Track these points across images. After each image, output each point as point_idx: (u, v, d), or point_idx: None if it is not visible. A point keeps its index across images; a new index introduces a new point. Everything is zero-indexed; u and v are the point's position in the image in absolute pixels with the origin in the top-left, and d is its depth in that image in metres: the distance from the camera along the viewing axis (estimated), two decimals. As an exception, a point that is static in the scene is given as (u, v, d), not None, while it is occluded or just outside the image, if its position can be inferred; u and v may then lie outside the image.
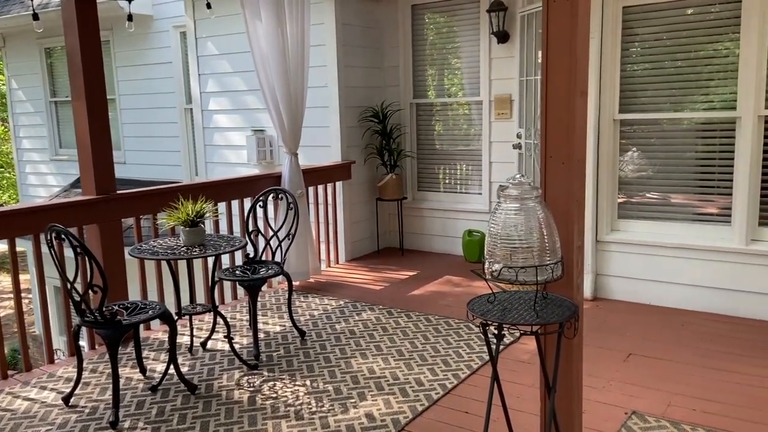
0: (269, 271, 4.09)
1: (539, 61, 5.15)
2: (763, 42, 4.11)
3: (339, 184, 6.11)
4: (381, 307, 4.81)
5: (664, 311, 4.53)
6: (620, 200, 4.85)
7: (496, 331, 2.21)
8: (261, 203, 4.46)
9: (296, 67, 5.18)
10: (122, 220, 4.35)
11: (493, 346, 2.31)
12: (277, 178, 5.35)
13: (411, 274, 5.72)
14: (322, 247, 5.96)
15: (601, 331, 4.17)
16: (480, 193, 6.19)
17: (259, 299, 4.30)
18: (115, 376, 3.20)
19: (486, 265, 2.25)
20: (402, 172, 6.55)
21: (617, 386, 3.40)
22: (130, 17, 4.78)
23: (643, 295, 4.72)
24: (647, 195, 4.80)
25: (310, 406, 3.26)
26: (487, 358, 3.74)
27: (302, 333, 4.25)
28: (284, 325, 4.48)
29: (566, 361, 2.47)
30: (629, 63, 4.69)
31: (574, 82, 2.33)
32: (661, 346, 3.90)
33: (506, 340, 3.95)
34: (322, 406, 3.26)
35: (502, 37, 5.67)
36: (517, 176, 2.26)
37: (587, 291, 4.83)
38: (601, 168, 4.77)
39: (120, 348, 3.50)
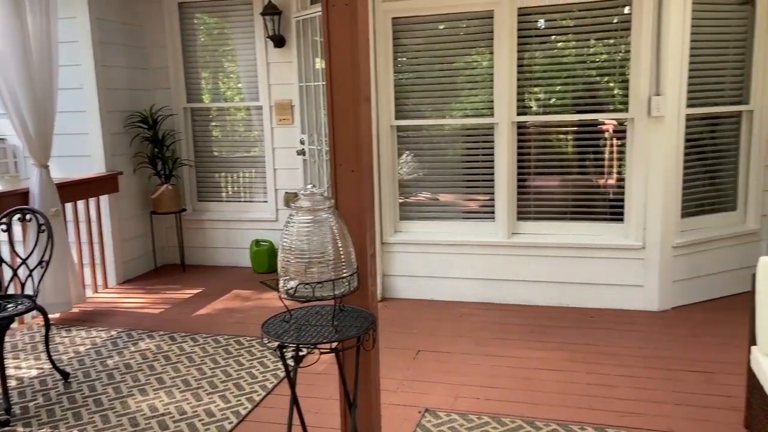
0: (18, 307, 3.44)
1: (318, 67, 5.15)
2: (513, 56, 4.58)
3: (104, 198, 5.45)
4: (161, 332, 4.37)
5: (445, 305, 4.83)
6: (400, 202, 5.06)
7: (293, 353, 2.08)
8: (3, 226, 3.75)
9: (42, 65, 4.48)
10: None
11: (291, 368, 2.17)
12: (23, 195, 4.57)
13: (195, 292, 5.32)
14: (87, 270, 5.26)
15: (391, 331, 4.29)
16: (266, 201, 6.01)
17: (7, 340, 3.60)
18: None
19: (281, 283, 2.10)
20: (179, 181, 6.08)
21: (410, 385, 3.50)
22: None
23: (426, 291, 4.98)
24: (423, 196, 5.08)
25: (81, 461, 2.80)
26: (283, 374, 3.60)
27: (65, 375, 3.66)
28: (42, 368, 3.82)
29: (364, 370, 2.43)
30: (400, 72, 4.91)
31: (358, 89, 2.30)
32: (445, 340, 4.13)
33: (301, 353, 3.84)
34: (97, 458, 2.81)
35: (279, 41, 5.56)
36: (309, 186, 2.16)
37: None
38: (383, 173, 4.92)
39: None
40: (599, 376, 3.53)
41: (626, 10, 4.41)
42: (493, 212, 4.86)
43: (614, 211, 4.67)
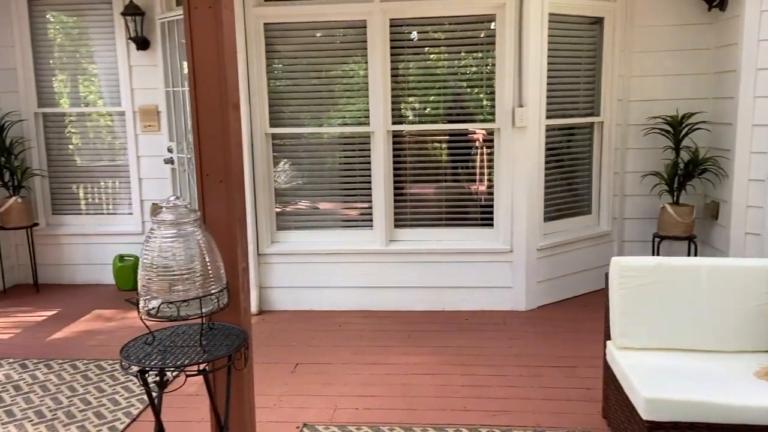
0: None
1: (186, 71, 4.91)
2: (387, 66, 4.65)
3: (-61, 213, 4.84)
4: (11, 360, 3.94)
5: (324, 315, 4.78)
6: (277, 211, 4.95)
7: (158, 378, 1.94)
8: None
9: None
10: None
11: (155, 394, 2.02)
12: None
13: (50, 313, 4.86)
14: None
15: (268, 346, 4.17)
16: (131, 213, 5.64)
17: None
18: None
19: (141, 303, 1.95)
20: (30, 194, 5.54)
21: (287, 400, 3.41)
22: None
23: (305, 302, 4.91)
24: (301, 206, 5.00)
25: None
26: (151, 398, 3.36)
27: None
28: None
29: (237, 390, 2.33)
30: (275, 78, 4.81)
31: (225, 95, 2.20)
32: (324, 351, 4.09)
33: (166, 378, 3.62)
34: None
35: (142, 43, 5.25)
36: (172, 198, 2.03)
37: (252, 306, 4.79)
38: (258, 181, 4.79)
39: None
40: (473, 377, 3.64)
41: (492, 25, 4.63)
42: (371, 220, 4.90)
43: (485, 217, 4.87)
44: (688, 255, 4.94)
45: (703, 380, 2.50)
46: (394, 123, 4.75)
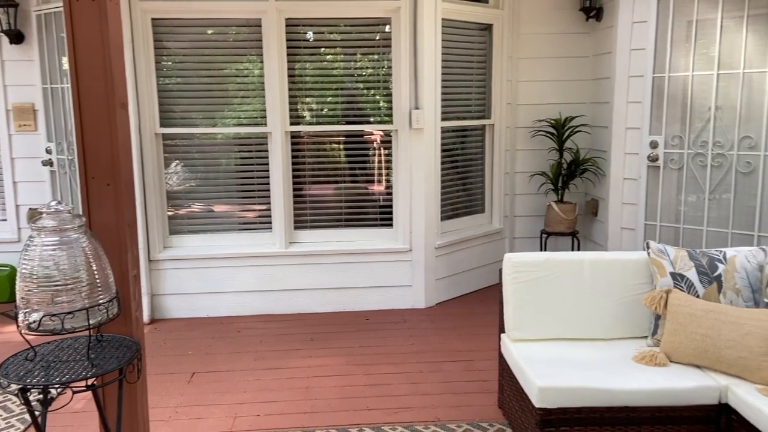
0: None
1: (66, 67, 4.59)
2: (283, 65, 4.59)
3: None
4: None
5: (222, 321, 4.64)
6: (170, 215, 4.74)
7: (41, 396, 1.80)
8: None
9: None
10: None
11: (39, 413, 1.87)
12: None
13: None
14: None
15: (162, 356, 3.99)
16: (4, 219, 5.18)
17: None
18: None
19: (21, 316, 1.80)
20: None
21: (184, 412, 3.28)
22: None
23: (201, 309, 4.74)
24: (195, 209, 4.82)
25: None
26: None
27: None
28: None
29: (129, 404, 2.21)
30: (165, 76, 4.61)
31: (111, 93, 2.08)
32: (222, 358, 3.97)
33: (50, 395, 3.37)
34: None
35: (16, 37, 4.85)
36: (53, 203, 1.89)
37: (144, 315, 4.56)
38: (148, 184, 4.56)
39: None
40: (375, 376, 3.68)
41: (387, 28, 4.70)
42: (270, 222, 4.81)
43: (384, 217, 4.94)
44: (572, 249, 5.27)
45: (589, 367, 2.68)
46: (292, 124, 4.70)
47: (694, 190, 4.39)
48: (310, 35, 4.69)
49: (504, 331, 3.11)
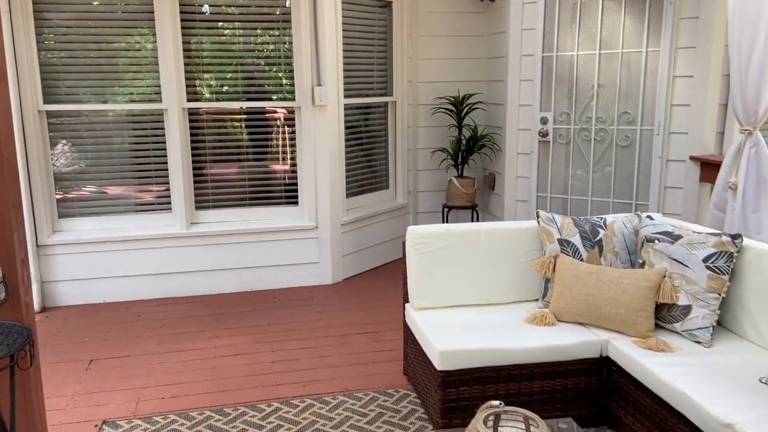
0: None
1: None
2: (178, 39, 4.42)
3: None
4: None
5: (119, 307, 4.47)
6: (59, 198, 4.48)
7: None
8: None
9: None
10: None
11: None
12: None
13: None
14: None
15: (55, 344, 3.80)
16: None
17: None
18: None
19: None
20: None
21: (83, 399, 3.16)
22: None
23: (96, 294, 4.53)
24: (87, 190, 4.58)
25: None
26: None
27: None
28: None
29: (23, 393, 2.11)
30: (48, 49, 4.31)
31: (-13, 66, 1.95)
32: (122, 344, 3.84)
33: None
34: None
35: None
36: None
37: (34, 303, 4.30)
38: (32, 164, 4.28)
39: None
40: (283, 352, 3.70)
41: (287, 3, 4.63)
42: (169, 203, 4.66)
43: (289, 195, 4.92)
44: (472, 222, 5.50)
45: (486, 330, 2.84)
46: (189, 100, 4.55)
47: (581, 163, 4.70)
48: (206, 8, 4.54)
49: (408, 301, 3.23)
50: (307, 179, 4.82)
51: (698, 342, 2.69)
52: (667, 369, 2.43)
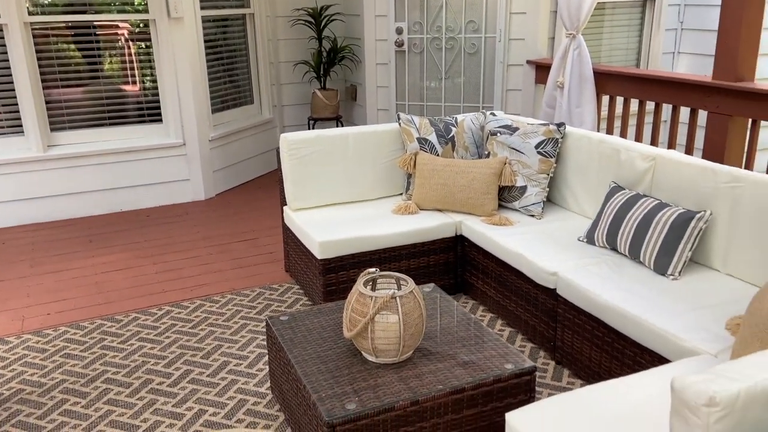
0: None
1: None
2: (10, -54, 4.07)
3: None
4: None
5: (-20, 237, 4.28)
6: None
7: None
8: None
9: None
10: None
11: None
12: None
13: None
14: None
15: None
16: None
17: None
18: None
19: None
20: None
21: (-38, 325, 3.12)
22: None
23: (-50, 226, 4.29)
24: None
25: None
26: None
27: None
28: None
29: None
30: None
31: None
32: (-7, 271, 3.75)
33: None
34: None
35: None
36: None
37: None
38: None
39: None
40: (165, 264, 3.83)
41: None
42: (21, 126, 4.42)
43: (152, 113, 4.84)
44: (338, 132, 5.76)
45: (358, 222, 3.19)
46: (31, 14, 4.25)
47: (434, 71, 5.08)
48: None
49: (286, 204, 3.47)
50: (170, 96, 4.76)
51: (532, 215, 3.23)
52: (508, 238, 2.94)
